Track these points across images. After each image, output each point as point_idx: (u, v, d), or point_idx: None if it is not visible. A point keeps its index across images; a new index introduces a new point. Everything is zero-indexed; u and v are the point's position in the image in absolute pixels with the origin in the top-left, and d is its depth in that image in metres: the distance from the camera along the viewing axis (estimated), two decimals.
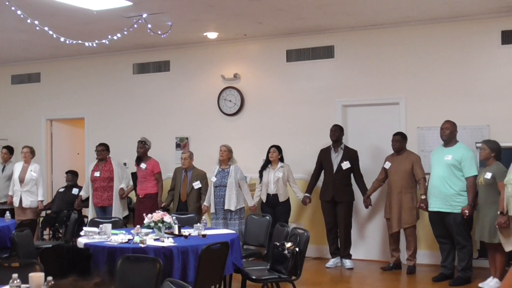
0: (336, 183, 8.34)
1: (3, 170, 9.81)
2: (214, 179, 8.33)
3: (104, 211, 9.08)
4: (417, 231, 8.09)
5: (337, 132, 8.41)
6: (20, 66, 11.75)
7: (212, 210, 8.29)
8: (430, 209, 7.46)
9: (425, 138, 8.41)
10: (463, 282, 7.24)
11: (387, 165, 8.09)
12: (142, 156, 9.17)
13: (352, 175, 8.42)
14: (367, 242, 8.87)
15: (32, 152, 9.45)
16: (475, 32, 8.21)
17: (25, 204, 9.15)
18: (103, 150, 9.25)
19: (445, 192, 7.24)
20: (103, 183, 9.12)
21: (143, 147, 9.16)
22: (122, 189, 9.15)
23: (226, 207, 8.16)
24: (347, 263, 8.39)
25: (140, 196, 9.13)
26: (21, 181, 9.20)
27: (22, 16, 6.52)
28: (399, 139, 8.06)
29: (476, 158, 7.39)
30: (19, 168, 9.36)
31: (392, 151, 8.12)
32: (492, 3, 7.52)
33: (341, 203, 8.36)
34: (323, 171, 8.55)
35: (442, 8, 7.76)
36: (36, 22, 6.77)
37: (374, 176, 8.30)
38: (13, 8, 6.33)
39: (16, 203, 9.21)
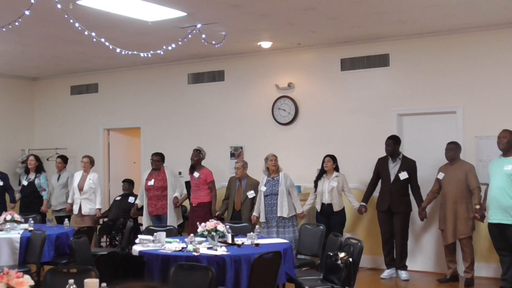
0: (393, 193, 8.21)
1: (58, 179, 10.08)
2: (264, 188, 8.32)
3: (159, 220, 9.20)
4: (474, 243, 7.89)
5: (390, 147, 8.29)
6: (79, 77, 12.05)
7: (262, 219, 8.28)
8: (490, 221, 7.23)
9: (483, 147, 8.19)
10: None
11: (441, 175, 7.93)
12: (195, 164, 9.25)
13: (409, 185, 8.29)
14: (423, 253, 8.69)
15: (91, 162, 9.65)
16: None
17: (84, 211, 9.36)
18: (158, 160, 9.35)
19: (506, 204, 7.00)
20: (157, 192, 9.22)
21: (198, 155, 9.24)
22: (176, 197, 9.24)
23: (279, 214, 8.14)
24: (403, 274, 8.24)
25: (193, 205, 9.20)
26: (80, 189, 9.42)
27: (80, 28, 6.67)
28: (453, 148, 7.90)
29: None
30: (78, 177, 9.58)
31: (446, 161, 7.97)
32: None
33: (397, 213, 8.23)
34: (380, 181, 8.45)
35: (501, 13, 7.57)
36: (93, 34, 6.91)
37: (430, 186, 8.13)
38: (71, 21, 6.48)
39: (75, 211, 9.43)
